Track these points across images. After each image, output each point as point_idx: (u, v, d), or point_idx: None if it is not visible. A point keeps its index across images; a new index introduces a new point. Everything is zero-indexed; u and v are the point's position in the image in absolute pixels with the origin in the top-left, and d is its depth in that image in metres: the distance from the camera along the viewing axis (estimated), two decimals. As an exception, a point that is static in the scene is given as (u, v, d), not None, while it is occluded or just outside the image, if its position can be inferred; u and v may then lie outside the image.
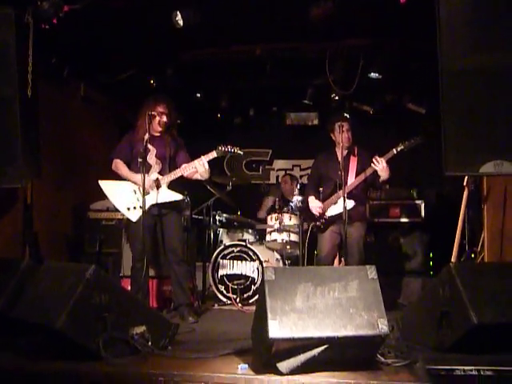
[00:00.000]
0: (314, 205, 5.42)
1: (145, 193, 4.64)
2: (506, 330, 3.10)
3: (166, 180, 4.89)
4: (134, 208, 4.87)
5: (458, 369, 2.81)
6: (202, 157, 4.86)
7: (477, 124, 3.83)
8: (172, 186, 4.94)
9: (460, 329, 3.14)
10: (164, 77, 6.76)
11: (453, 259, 4.77)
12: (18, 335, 3.58)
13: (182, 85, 7.08)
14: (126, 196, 4.92)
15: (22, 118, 4.34)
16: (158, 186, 4.87)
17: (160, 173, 4.92)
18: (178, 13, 5.04)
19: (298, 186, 6.66)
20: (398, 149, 5.03)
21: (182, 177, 4.93)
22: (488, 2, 3.81)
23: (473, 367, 2.81)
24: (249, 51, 6.47)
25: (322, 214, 5.36)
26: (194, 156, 5.01)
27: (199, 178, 4.98)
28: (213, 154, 4.90)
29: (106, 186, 4.99)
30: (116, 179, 5.03)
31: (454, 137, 3.88)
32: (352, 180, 5.24)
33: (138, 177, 4.79)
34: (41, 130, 4.89)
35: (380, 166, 4.99)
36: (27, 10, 4.46)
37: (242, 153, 5.08)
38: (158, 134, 5.03)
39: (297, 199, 6.32)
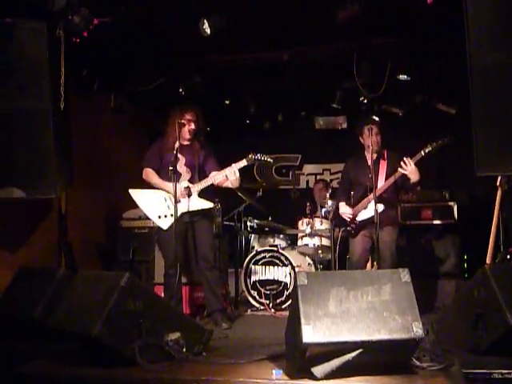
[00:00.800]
0: (345, 211, 5.40)
1: (176, 201, 4.68)
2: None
3: (196, 188, 4.93)
4: (165, 216, 4.92)
5: (495, 372, 2.76)
6: (233, 165, 4.88)
7: (508, 122, 3.77)
8: (202, 193, 4.97)
9: (496, 331, 3.09)
10: (192, 84, 6.80)
11: (487, 261, 4.70)
12: (55, 343, 3.65)
13: (210, 92, 7.12)
14: (157, 204, 4.97)
15: (55, 130, 4.43)
16: (189, 195, 4.90)
17: (190, 181, 4.97)
18: (205, 21, 5.07)
19: (330, 191, 6.63)
20: (426, 150, 4.95)
21: (212, 184, 4.96)
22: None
23: (511, 370, 2.76)
24: (276, 56, 6.48)
25: (353, 219, 5.33)
26: (223, 163, 5.04)
27: (230, 185, 5.00)
28: (243, 163, 4.92)
29: (137, 194, 5.04)
30: (146, 187, 5.09)
31: (485, 136, 3.83)
32: (382, 183, 5.19)
33: (170, 185, 4.83)
34: (73, 141, 4.98)
35: (408, 168, 4.93)
36: (59, 25, 4.55)
37: (271, 161, 5.09)
38: (187, 143, 5.07)
39: (328, 204, 6.30)
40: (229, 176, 4.86)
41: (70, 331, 3.36)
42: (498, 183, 4.77)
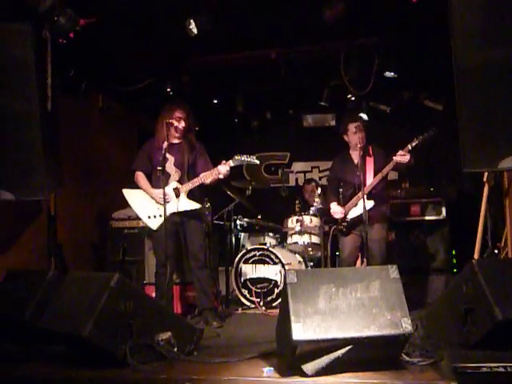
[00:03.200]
0: (336, 210, 5.39)
1: (165, 202, 4.68)
2: (532, 325, 3.08)
3: (184, 189, 4.93)
4: (155, 216, 4.93)
5: (484, 366, 2.79)
6: (219, 167, 4.88)
7: (494, 119, 3.80)
8: (192, 193, 4.97)
9: (485, 325, 3.12)
10: (180, 84, 6.80)
11: (475, 256, 4.73)
12: (46, 344, 3.64)
13: (198, 91, 7.12)
14: (147, 204, 4.99)
15: (42, 132, 4.40)
16: (178, 195, 4.91)
17: (179, 181, 4.97)
18: (192, 21, 5.06)
19: (319, 190, 6.65)
20: (413, 144, 4.97)
21: (202, 184, 4.96)
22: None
23: (499, 364, 2.78)
24: (264, 55, 6.49)
25: (344, 218, 5.35)
26: (212, 162, 5.05)
27: (220, 177, 4.99)
28: (229, 164, 4.92)
29: (129, 194, 5.08)
30: (138, 188, 5.10)
31: (472, 133, 3.86)
32: (370, 180, 5.20)
33: (155, 192, 4.91)
34: (61, 142, 4.96)
35: (405, 158, 4.94)
36: (44, 26, 4.54)
37: (258, 162, 5.08)
38: (177, 142, 5.07)
39: (318, 202, 6.32)
40: (221, 170, 4.87)
41: (61, 332, 3.35)
42: (484, 179, 4.80)
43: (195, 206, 4.95)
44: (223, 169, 4.87)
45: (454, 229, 6.55)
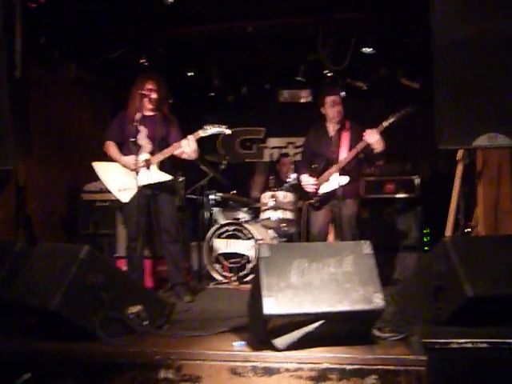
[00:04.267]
0: (308, 182, 5.33)
1: (137, 172, 4.61)
2: (502, 302, 3.11)
3: (155, 160, 4.85)
4: (125, 189, 4.84)
5: (453, 342, 2.82)
6: (189, 136, 4.81)
7: (470, 96, 3.78)
8: (164, 165, 4.90)
9: (455, 302, 3.14)
10: (155, 55, 6.69)
11: (447, 234, 4.77)
12: (13, 317, 3.58)
13: (174, 63, 7.02)
14: (118, 177, 4.89)
15: (11, 99, 4.27)
16: (148, 167, 4.83)
17: (151, 153, 4.88)
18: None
19: (293, 166, 6.63)
20: (389, 121, 4.93)
21: (174, 156, 4.89)
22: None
23: (468, 340, 2.82)
24: (240, 28, 6.40)
25: (316, 192, 5.31)
26: (186, 135, 4.97)
27: (187, 157, 4.92)
28: (199, 134, 4.85)
29: (100, 167, 4.99)
30: (110, 160, 5.01)
31: (447, 110, 3.84)
32: (345, 155, 5.15)
33: (127, 159, 4.80)
34: (31, 111, 4.84)
35: (372, 138, 4.91)
36: (13, -12, 4.39)
37: (229, 131, 5.00)
38: (150, 113, 4.98)
39: (291, 177, 6.30)
40: (184, 148, 4.78)
41: (29, 305, 3.30)
42: (459, 157, 4.82)
43: (166, 177, 4.88)
44: (186, 147, 4.77)
45: (427, 207, 6.60)
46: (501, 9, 3.69)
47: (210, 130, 4.86)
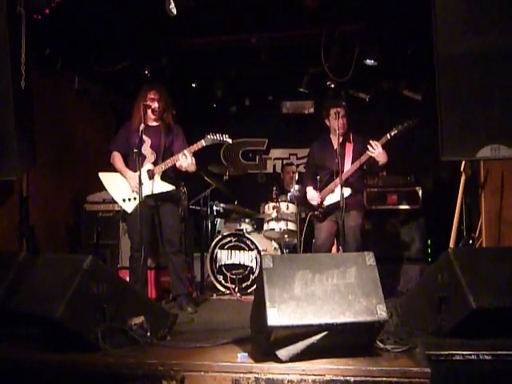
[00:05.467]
0: (312, 196, 5.37)
1: (140, 184, 4.62)
2: (505, 314, 3.10)
3: (157, 170, 4.87)
4: (129, 199, 4.88)
5: (457, 354, 2.81)
6: (185, 150, 4.80)
7: (473, 108, 3.80)
8: (167, 176, 4.92)
9: (459, 314, 3.13)
10: (159, 66, 6.71)
11: (451, 245, 4.76)
12: (17, 327, 3.58)
13: (177, 74, 7.04)
14: (123, 187, 4.94)
15: (15, 110, 4.29)
16: (151, 177, 4.84)
17: (154, 163, 4.90)
18: (172, 1, 4.98)
19: (296, 176, 6.64)
20: (392, 133, 4.98)
21: (176, 167, 4.90)
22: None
23: (472, 352, 2.81)
24: (244, 40, 6.43)
25: (320, 204, 5.33)
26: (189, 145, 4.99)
27: (185, 170, 4.91)
28: (201, 144, 4.85)
29: (105, 177, 5.04)
30: (114, 171, 5.04)
31: (450, 122, 3.85)
32: (348, 167, 5.18)
33: (130, 174, 4.86)
34: (35, 121, 4.86)
35: (376, 151, 4.94)
36: (19, 1, 4.41)
37: (230, 141, 5.01)
38: (154, 124, 5.01)
39: (294, 189, 6.30)
40: (182, 161, 4.78)
41: (32, 315, 3.29)
42: (462, 168, 4.83)
43: (168, 187, 4.89)
44: (183, 161, 4.76)
45: (430, 218, 6.59)
46: (503, 21, 3.70)
47: (212, 138, 4.87)
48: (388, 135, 4.98)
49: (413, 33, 5.89)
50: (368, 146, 4.98)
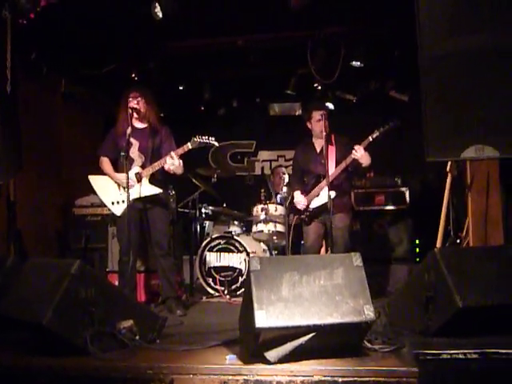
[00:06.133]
0: (299, 200, 5.39)
1: (128, 187, 4.61)
2: (491, 312, 3.13)
3: (145, 173, 4.86)
4: (118, 202, 4.88)
5: (444, 353, 2.83)
6: (172, 152, 4.77)
7: (457, 109, 3.84)
8: (155, 179, 4.91)
9: (445, 313, 3.16)
10: (146, 69, 6.71)
11: (437, 245, 4.79)
12: (5, 332, 3.56)
13: (164, 77, 7.04)
14: (112, 190, 4.93)
15: (1, 114, 4.29)
16: (139, 180, 4.84)
17: (142, 166, 4.89)
18: (157, 4, 5.00)
19: (286, 178, 6.64)
20: (374, 136, 4.99)
21: (164, 170, 4.90)
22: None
23: (459, 351, 2.82)
24: (230, 42, 6.45)
25: (307, 207, 5.35)
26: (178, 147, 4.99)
27: (173, 173, 4.90)
28: (188, 147, 4.84)
29: (95, 180, 5.03)
30: (103, 174, 5.03)
31: (435, 122, 3.89)
32: (333, 170, 5.18)
33: (119, 176, 4.85)
34: (22, 126, 4.85)
35: (358, 153, 4.96)
36: (4, 5, 4.41)
37: (216, 143, 5.01)
38: (141, 126, 5.00)
39: (283, 191, 6.32)
40: (168, 164, 4.76)
41: (20, 320, 3.28)
42: (447, 169, 4.86)
43: (157, 190, 4.89)
44: (169, 163, 4.76)
45: (417, 218, 6.62)
46: (486, 23, 3.74)
47: (199, 141, 4.87)
48: (370, 137, 5.00)
49: (399, 34, 5.92)
50: (352, 150, 4.99)
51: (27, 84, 5.86)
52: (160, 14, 5.01)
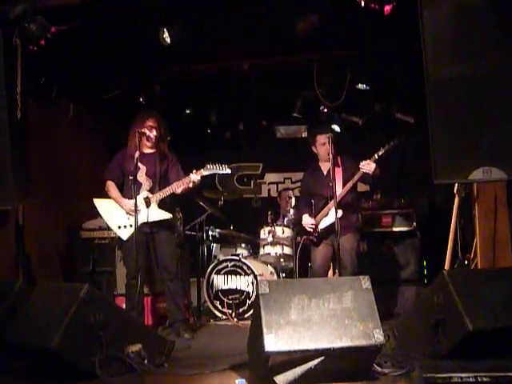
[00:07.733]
0: (307, 222, 5.40)
1: (136, 212, 4.63)
2: (501, 335, 3.11)
3: (155, 198, 4.89)
4: (125, 226, 4.89)
5: (454, 376, 2.81)
6: (191, 175, 4.85)
7: (464, 131, 3.85)
8: (163, 203, 4.93)
9: (455, 336, 3.15)
10: (153, 94, 6.77)
11: (446, 267, 4.78)
12: (14, 358, 3.56)
13: (171, 101, 7.09)
14: (118, 214, 4.94)
15: (11, 140, 4.33)
16: (148, 205, 4.86)
17: (150, 191, 4.92)
18: (165, 30, 5.06)
19: (293, 201, 6.64)
20: (380, 153, 5.02)
21: (173, 194, 4.93)
22: (470, 12, 3.84)
23: (470, 374, 2.81)
24: (237, 66, 6.50)
25: (315, 229, 5.36)
26: (185, 172, 5.02)
27: (190, 186, 4.95)
28: (201, 173, 4.90)
29: (100, 204, 5.04)
30: (109, 198, 5.05)
31: (442, 145, 3.90)
32: (340, 190, 5.18)
33: (125, 201, 4.87)
34: (30, 151, 4.89)
35: (370, 167, 4.96)
36: (15, 32, 4.47)
37: (229, 171, 5.07)
38: (149, 151, 5.03)
39: (290, 213, 6.33)
40: (192, 178, 4.84)
41: (29, 345, 3.28)
42: (455, 191, 4.86)
43: (166, 215, 4.92)
44: (194, 178, 4.85)
45: (424, 240, 6.59)
46: (492, 47, 3.77)
47: (212, 169, 4.92)
48: (376, 155, 5.03)
49: (404, 57, 5.97)
50: (360, 166, 5.00)
51: (36, 109, 5.92)
52: (168, 40, 5.07)
